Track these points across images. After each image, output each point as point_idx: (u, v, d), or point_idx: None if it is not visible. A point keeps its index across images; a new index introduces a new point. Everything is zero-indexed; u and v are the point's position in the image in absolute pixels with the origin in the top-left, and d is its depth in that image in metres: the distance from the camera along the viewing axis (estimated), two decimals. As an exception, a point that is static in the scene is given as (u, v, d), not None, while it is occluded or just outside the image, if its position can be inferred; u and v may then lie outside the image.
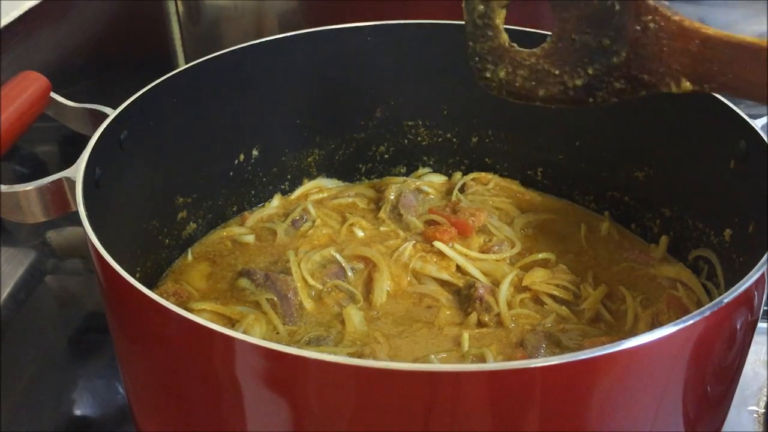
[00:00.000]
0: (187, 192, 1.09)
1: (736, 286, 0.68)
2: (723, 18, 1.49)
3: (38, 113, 0.96)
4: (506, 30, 0.83)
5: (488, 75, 0.83)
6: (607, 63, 0.75)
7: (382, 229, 1.11)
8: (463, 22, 0.84)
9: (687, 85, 0.72)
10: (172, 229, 1.08)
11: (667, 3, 0.72)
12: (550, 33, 0.79)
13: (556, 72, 0.78)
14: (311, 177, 1.22)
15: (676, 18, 0.71)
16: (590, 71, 0.76)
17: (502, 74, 0.82)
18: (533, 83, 0.80)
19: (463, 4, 0.83)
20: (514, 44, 0.81)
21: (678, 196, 1.05)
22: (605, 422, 0.66)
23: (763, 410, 1.01)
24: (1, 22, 1.17)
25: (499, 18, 0.81)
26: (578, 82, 0.77)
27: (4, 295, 1.17)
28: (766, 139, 0.86)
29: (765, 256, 0.71)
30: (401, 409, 0.63)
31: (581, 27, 0.75)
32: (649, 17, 0.72)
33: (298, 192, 1.21)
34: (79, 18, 1.39)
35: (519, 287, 0.99)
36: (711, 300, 0.88)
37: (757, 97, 0.69)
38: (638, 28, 0.72)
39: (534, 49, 0.79)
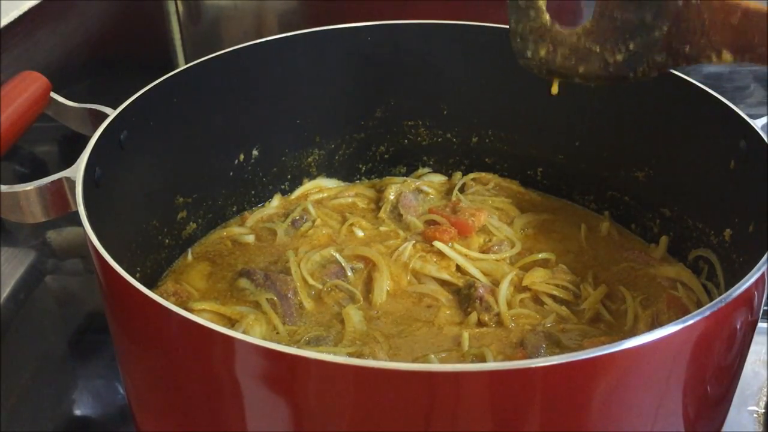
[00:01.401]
0: (187, 192, 1.09)
1: (736, 286, 0.68)
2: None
3: (38, 113, 0.96)
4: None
5: (529, 54, 0.84)
6: (649, 37, 0.76)
7: (382, 229, 1.11)
8: (462, 22, 0.85)
9: (728, 56, 0.73)
10: (172, 229, 1.08)
11: None
12: None
13: (597, 49, 0.79)
14: (311, 177, 1.22)
15: None
16: (631, 46, 0.77)
17: (542, 53, 0.83)
18: (573, 61, 0.81)
19: None
20: (556, 23, 0.82)
21: (678, 196, 1.05)
22: (605, 422, 0.66)
23: (763, 410, 1.01)
24: (1, 22, 1.17)
25: (542, 0, 0.82)
26: (619, 58, 0.78)
27: (4, 295, 1.17)
28: (766, 139, 0.86)
29: (765, 256, 0.71)
30: (401, 409, 0.63)
31: (623, 3, 0.76)
32: None
33: (298, 192, 1.21)
34: (79, 18, 1.39)
35: (519, 287, 0.99)
36: (711, 300, 0.88)
37: None
38: (680, 2, 0.73)
39: (575, 28, 0.80)
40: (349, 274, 1.02)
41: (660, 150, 1.05)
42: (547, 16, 0.82)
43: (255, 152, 1.15)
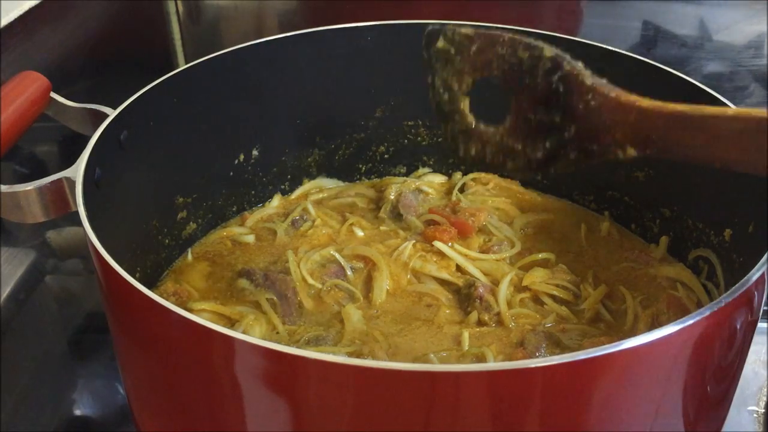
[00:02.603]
0: (187, 192, 1.09)
1: (736, 286, 0.68)
2: (723, 18, 1.49)
3: (38, 113, 0.96)
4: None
5: (461, 153, 0.92)
6: (561, 137, 0.83)
7: (382, 228, 1.11)
8: (462, 22, 0.90)
9: (631, 151, 0.79)
10: (172, 229, 1.08)
11: (604, 81, 0.80)
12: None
13: (519, 147, 0.87)
14: (311, 177, 1.22)
15: (613, 94, 0.79)
16: (548, 145, 0.85)
17: (473, 152, 0.91)
18: (501, 157, 0.89)
19: (429, 92, 0.93)
20: (480, 123, 0.90)
21: (678, 196, 1.05)
22: (605, 422, 0.66)
23: (763, 410, 1.01)
24: (1, 22, 1.17)
25: (463, 104, 0.91)
26: (539, 155, 0.86)
27: (4, 295, 1.17)
28: (766, 139, 0.86)
29: (765, 256, 0.71)
30: (401, 409, 0.63)
31: (534, 107, 0.85)
32: (590, 95, 0.80)
33: (298, 192, 1.21)
34: (79, 18, 1.39)
35: (519, 287, 0.99)
36: (711, 300, 0.88)
37: (699, 158, 0.75)
38: (581, 106, 0.81)
39: (498, 127, 0.89)
40: (349, 273, 1.02)
41: (660, 150, 1.05)
42: (470, 118, 0.91)
43: (255, 152, 1.15)
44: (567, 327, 0.94)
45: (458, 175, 1.23)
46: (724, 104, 0.92)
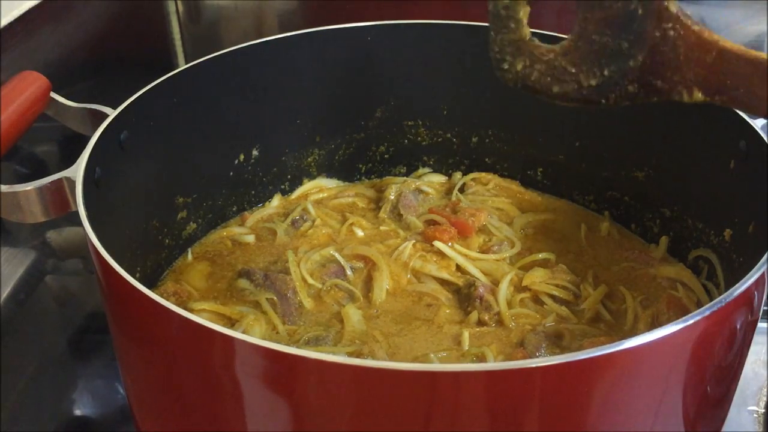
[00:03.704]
0: (187, 192, 1.09)
1: (736, 286, 0.68)
2: (723, 18, 1.49)
3: (38, 113, 0.96)
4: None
5: (506, 66, 0.83)
6: (624, 66, 0.76)
7: (382, 228, 1.11)
8: (462, 22, 0.85)
9: (699, 95, 0.73)
10: (172, 229, 1.08)
11: (688, 13, 0.73)
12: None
13: (573, 70, 0.79)
14: (311, 177, 1.22)
15: (696, 28, 0.72)
16: (606, 72, 0.77)
17: (519, 67, 0.82)
18: (549, 79, 0.80)
19: None
20: (535, 39, 0.81)
21: (678, 196, 1.05)
22: (605, 422, 0.66)
23: (763, 410, 1.01)
24: (1, 22, 1.17)
25: (523, 12, 0.81)
26: (593, 82, 0.78)
27: (4, 295, 1.17)
28: (766, 139, 0.86)
29: (765, 256, 0.71)
30: (401, 409, 0.63)
31: (602, 28, 0.76)
32: (670, 25, 0.73)
33: (298, 192, 1.21)
34: (79, 18, 1.39)
35: (519, 287, 0.99)
36: (711, 300, 0.88)
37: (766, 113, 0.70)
38: (658, 34, 0.73)
39: (554, 46, 0.80)
40: (349, 273, 1.02)
41: (660, 150, 1.05)
42: (526, 30, 0.82)
43: (255, 152, 1.15)
44: (567, 327, 0.94)
45: (458, 175, 1.23)
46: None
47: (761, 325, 1.06)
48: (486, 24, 0.87)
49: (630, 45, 0.75)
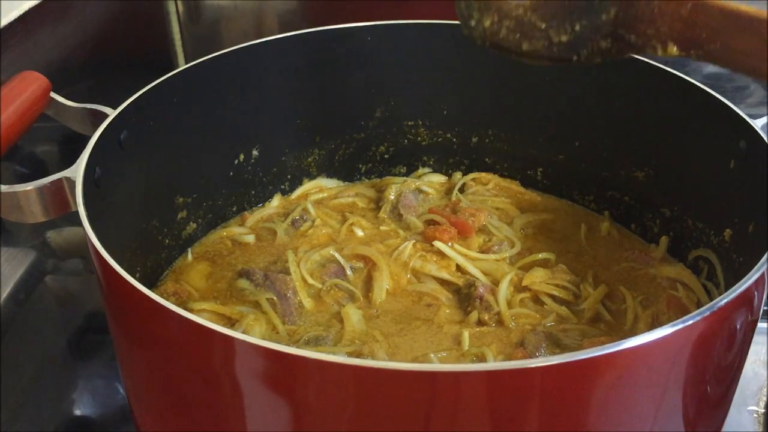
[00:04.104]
0: (187, 192, 1.09)
1: (736, 286, 0.68)
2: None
3: (38, 113, 0.96)
4: None
5: (473, 23, 0.80)
6: (596, 20, 0.74)
7: (382, 228, 1.11)
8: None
9: (673, 49, 0.72)
10: (172, 229, 1.08)
11: None
12: None
13: (543, 26, 0.76)
14: (311, 177, 1.22)
15: None
16: (577, 27, 0.75)
17: (487, 23, 0.79)
18: (518, 35, 0.78)
19: None
20: None
21: (678, 196, 1.05)
22: (605, 422, 0.66)
23: (763, 410, 1.01)
24: (1, 22, 1.17)
25: None
26: (563, 38, 0.76)
27: (4, 295, 1.17)
28: (766, 139, 0.86)
29: (765, 256, 0.71)
30: (401, 409, 0.63)
31: None
32: None
33: (298, 192, 1.21)
34: (79, 18, 1.39)
35: (519, 287, 0.99)
36: (711, 300, 0.88)
37: (744, 68, 0.69)
38: None
39: (523, 1, 0.77)
40: (349, 273, 1.02)
41: (660, 150, 1.05)
42: None
43: (255, 152, 1.15)
44: (567, 327, 0.94)
45: (458, 175, 1.23)
46: (725, 104, 0.92)
47: (761, 325, 1.06)
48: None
49: None
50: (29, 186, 0.84)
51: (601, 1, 0.73)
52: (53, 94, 0.98)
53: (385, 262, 1.02)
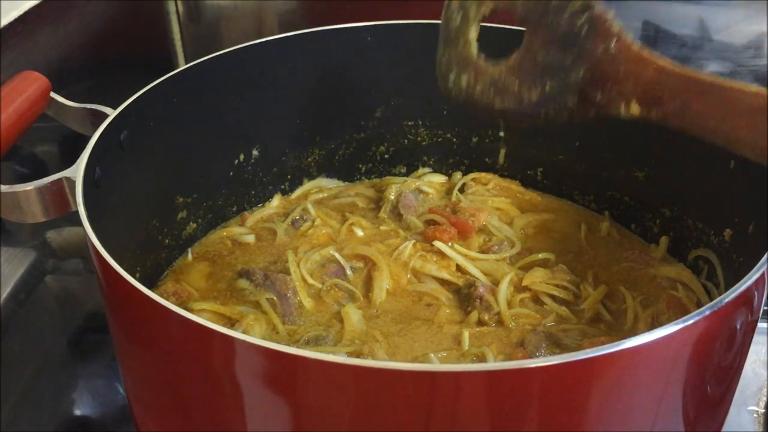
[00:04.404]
0: (187, 192, 1.09)
1: (736, 286, 0.68)
2: (723, 18, 1.49)
3: (38, 113, 0.96)
4: (489, 27, 0.88)
5: (451, 82, 0.87)
6: (566, 80, 0.80)
7: (382, 228, 1.11)
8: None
9: (636, 108, 0.78)
10: (172, 229, 1.08)
11: (630, 34, 0.78)
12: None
13: (516, 87, 0.83)
14: (311, 177, 1.22)
15: (635, 47, 0.77)
16: (547, 87, 0.81)
17: (463, 83, 0.86)
18: (491, 94, 0.85)
19: (442, 13, 0.87)
20: (482, 56, 0.85)
21: (678, 196, 1.05)
22: (605, 422, 0.66)
23: (763, 410, 1.01)
24: (1, 22, 1.17)
25: (473, 33, 0.86)
26: (533, 96, 0.82)
27: (4, 295, 1.17)
28: (766, 139, 0.86)
29: (765, 256, 0.71)
30: (401, 409, 0.63)
31: (547, 47, 0.80)
32: (612, 42, 0.77)
33: (298, 192, 1.21)
34: (79, 18, 1.39)
35: (519, 287, 0.99)
36: (711, 300, 0.88)
37: (703, 130, 0.74)
38: (600, 51, 0.78)
39: (500, 65, 0.84)
40: (349, 273, 1.02)
41: (660, 150, 1.05)
42: (473, 48, 0.85)
43: (255, 152, 1.15)
44: (567, 327, 0.94)
45: (458, 175, 1.23)
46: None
47: (761, 325, 1.06)
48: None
49: (573, 61, 0.79)
50: (29, 186, 0.84)
51: (572, 64, 0.79)
52: (53, 94, 0.98)
53: (385, 262, 1.02)
